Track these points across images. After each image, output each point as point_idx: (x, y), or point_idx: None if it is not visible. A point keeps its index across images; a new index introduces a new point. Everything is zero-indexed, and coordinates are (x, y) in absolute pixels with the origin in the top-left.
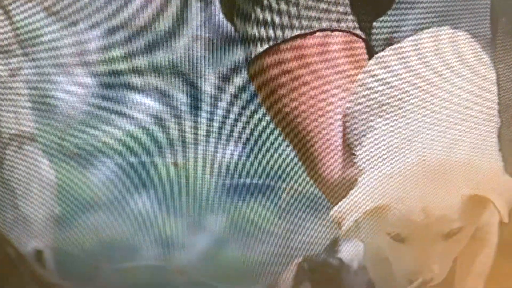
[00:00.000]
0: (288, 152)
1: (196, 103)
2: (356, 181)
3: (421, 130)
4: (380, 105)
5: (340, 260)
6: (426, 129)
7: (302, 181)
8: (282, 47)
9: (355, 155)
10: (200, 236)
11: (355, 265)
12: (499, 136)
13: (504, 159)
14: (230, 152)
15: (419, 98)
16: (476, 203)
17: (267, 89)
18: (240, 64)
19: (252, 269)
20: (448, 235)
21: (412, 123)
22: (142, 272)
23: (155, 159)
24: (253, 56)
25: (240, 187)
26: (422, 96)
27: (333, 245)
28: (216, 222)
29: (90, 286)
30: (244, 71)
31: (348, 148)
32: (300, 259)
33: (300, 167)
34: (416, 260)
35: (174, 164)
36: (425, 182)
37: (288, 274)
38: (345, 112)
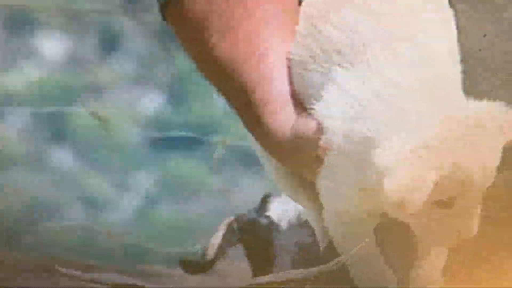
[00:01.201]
0: (219, 101)
1: (111, 44)
2: (314, 137)
3: (395, 82)
4: (340, 52)
5: (270, 219)
6: (402, 81)
7: (236, 134)
8: None
9: (312, 108)
10: (128, 194)
11: (284, 225)
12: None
13: None
14: (152, 101)
15: (386, 45)
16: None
17: (192, 31)
18: None
19: (186, 229)
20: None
21: (382, 74)
22: (68, 234)
23: (71, 109)
24: None
25: (168, 141)
26: (388, 43)
27: (263, 205)
28: (144, 180)
29: (12, 250)
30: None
31: (298, 98)
32: (230, 218)
33: (233, 119)
34: (462, 222)
35: (93, 114)
36: (462, 141)
37: (219, 235)
38: (291, 59)
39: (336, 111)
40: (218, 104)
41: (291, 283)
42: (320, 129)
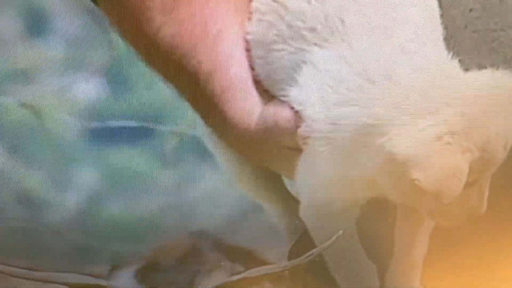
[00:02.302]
0: (162, 86)
1: (37, 24)
2: (289, 126)
3: (383, 56)
4: (313, 30)
5: None
6: (390, 56)
7: (186, 122)
8: None
9: (284, 95)
10: (70, 191)
11: None
12: None
13: None
14: (89, 88)
15: (365, 20)
16: None
17: (130, 14)
18: None
19: (137, 226)
20: None
21: (364, 50)
22: (9, 236)
23: None
24: None
25: (110, 132)
26: (367, 17)
27: None
28: (86, 175)
29: None
30: None
31: (263, 84)
32: None
33: (181, 105)
34: (480, 199)
35: (23, 105)
36: (485, 120)
37: None
38: (251, 40)
39: (316, 97)
40: (164, 89)
41: (266, 279)
42: (297, 117)
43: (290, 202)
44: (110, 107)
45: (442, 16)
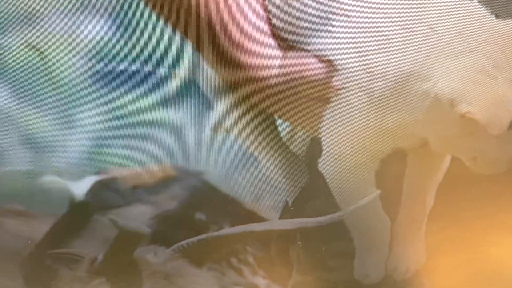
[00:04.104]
0: (167, 31)
1: None
2: (317, 76)
3: (416, 3)
4: None
5: None
6: (423, 2)
7: (190, 68)
8: None
9: (307, 44)
10: (75, 134)
11: None
12: None
13: None
14: (95, 29)
15: None
16: None
17: None
18: None
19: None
20: None
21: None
22: (13, 179)
23: (3, 40)
24: None
25: (115, 75)
26: None
27: None
28: (92, 117)
29: None
30: None
31: (280, 34)
32: None
33: (186, 50)
34: None
35: (29, 45)
36: None
37: None
38: None
39: (351, 45)
40: (167, 33)
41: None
42: (328, 67)
43: (287, 155)
44: (115, 50)
45: None
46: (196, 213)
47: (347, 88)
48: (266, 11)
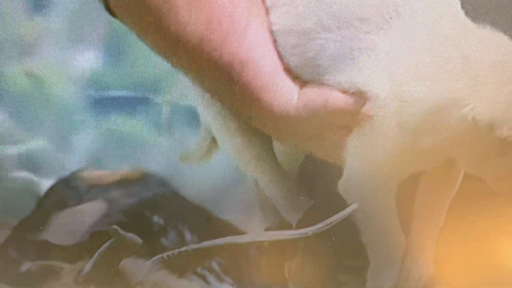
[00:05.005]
0: (157, 59)
1: (37, 2)
2: (341, 105)
3: (449, 34)
4: (364, 20)
5: None
6: (457, 32)
7: (179, 93)
8: None
9: (330, 79)
10: (70, 154)
11: None
12: None
13: None
14: (89, 58)
15: (416, 6)
16: None
17: (151, 13)
18: None
19: None
20: None
21: (426, 30)
22: (14, 196)
23: (3, 68)
24: None
25: (108, 100)
26: (418, 9)
27: None
28: (85, 139)
29: None
30: None
31: (290, 71)
32: None
33: (175, 78)
34: None
35: (27, 74)
36: None
37: None
38: (277, 31)
39: (383, 75)
40: (159, 61)
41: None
42: (358, 97)
43: (282, 176)
44: (109, 77)
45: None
46: (154, 216)
47: (378, 116)
48: (278, 51)
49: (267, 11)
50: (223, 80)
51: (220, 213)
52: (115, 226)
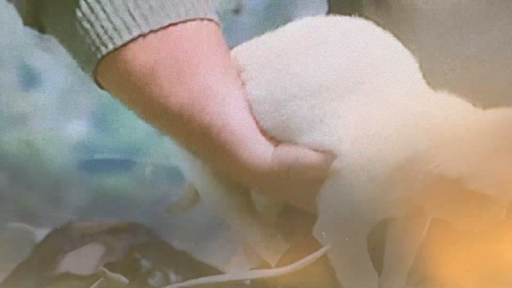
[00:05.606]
0: (141, 125)
1: (30, 80)
2: (311, 162)
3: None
4: (330, 88)
5: None
6: (422, 98)
7: (162, 155)
8: (151, 36)
9: (301, 140)
10: (64, 208)
11: None
12: None
13: None
14: (79, 127)
15: (377, 78)
16: None
17: (136, 84)
18: None
19: None
20: None
21: (384, 100)
22: (12, 244)
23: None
24: (109, 48)
25: (97, 162)
26: (380, 76)
27: None
28: (78, 195)
29: None
30: None
31: (269, 134)
32: None
33: (159, 140)
34: None
35: (21, 141)
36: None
37: None
38: (252, 100)
39: (350, 137)
40: (143, 127)
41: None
42: (326, 155)
43: (260, 223)
44: (97, 142)
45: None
46: (143, 259)
47: (346, 170)
48: (253, 116)
49: (243, 83)
50: (204, 142)
51: (204, 257)
52: (102, 268)
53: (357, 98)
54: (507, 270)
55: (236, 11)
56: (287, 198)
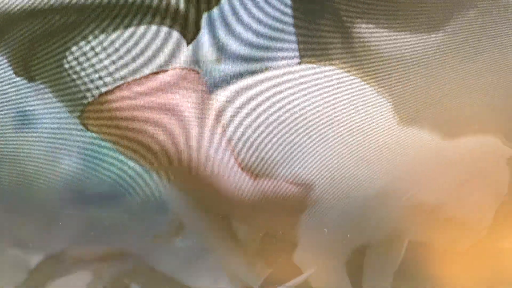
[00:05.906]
0: (129, 161)
1: (23, 123)
2: (288, 193)
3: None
4: (305, 126)
5: None
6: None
7: (149, 188)
8: (134, 84)
9: (278, 173)
10: (58, 237)
11: None
12: None
13: None
14: (70, 164)
15: (348, 117)
16: None
17: (122, 125)
18: None
19: None
20: None
21: (354, 139)
22: (9, 268)
23: None
24: (95, 95)
25: (89, 195)
26: (350, 115)
27: None
28: (71, 225)
29: None
30: None
31: (245, 168)
32: None
33: (145, 176)
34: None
35: (18, 175)
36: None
37: None
38: (230, 138)
39: (323, 169)
40: (130, 163)
41: None
42: (303, 187)
43: (241, 251)
44: (88, 177)
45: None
46: (132, 283)
47: (322, 201)
48: (233, 151)
49: (222, 123)
50: (187, 175)
51: (190, 282)
52: None
53: (331, 135)
54: (507, 270)
55: (218, 60)
56: (267, 227)
